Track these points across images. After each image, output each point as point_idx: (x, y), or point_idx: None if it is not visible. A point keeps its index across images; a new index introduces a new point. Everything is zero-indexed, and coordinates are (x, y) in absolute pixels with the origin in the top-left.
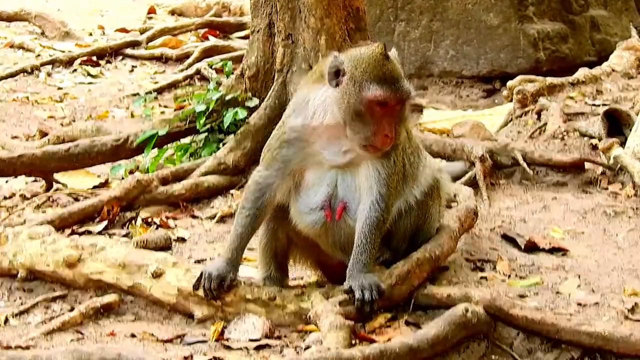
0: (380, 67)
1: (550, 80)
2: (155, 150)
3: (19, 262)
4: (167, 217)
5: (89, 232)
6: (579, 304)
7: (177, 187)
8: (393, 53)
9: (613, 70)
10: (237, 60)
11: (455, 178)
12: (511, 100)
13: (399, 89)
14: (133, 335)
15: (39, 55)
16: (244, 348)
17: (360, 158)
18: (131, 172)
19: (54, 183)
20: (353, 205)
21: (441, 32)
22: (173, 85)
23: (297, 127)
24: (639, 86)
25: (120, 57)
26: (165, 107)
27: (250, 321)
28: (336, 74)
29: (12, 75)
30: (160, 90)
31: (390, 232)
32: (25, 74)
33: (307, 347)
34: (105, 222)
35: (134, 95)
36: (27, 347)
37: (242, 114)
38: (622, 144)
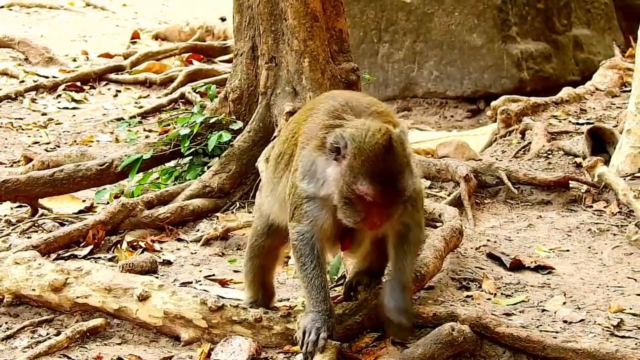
0: (378, 162)
1: (534, 99)
2: (140, 174)
3: (5, 287)
4: (153, 241)
5: (75, 257)
6: (565, 321)
7: (162, 211)
8: (398, 134)
9: (597, 89)
10: (221, 83)
11: None
12: (495, 120)
13: (392, 190)
14: (120, 359)
15: (22, 81)
16: None
17: None
18: (116, 197)
19: (39, 208)
20: None
21: (425, 53)
22: (157, 110)
23: (310, 193)
24: (623, 104)
25: (104, 82)
26: (150, 131)
27: (237, 343)
28: (337, 150)
29: None
30: (144, 115)
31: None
32: (9, 100)
33: None
34: (90, 247)
35: (119, 119)
36: None
37: (226, 136)
38: (606, 162)
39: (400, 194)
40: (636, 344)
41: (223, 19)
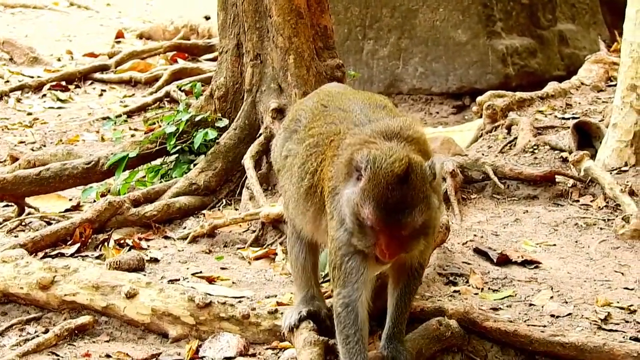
0: (389, 192)
1: (519, 95)
2: (126, 172)
3: None
4: (140, 239)
5: (62, 255)
6: (552, 315)
7: (149, 209)
8: (420, 165)
9: (582, 83)
10: (207, 82)
11: None
12: (481, 116)
13: (395, 221)
14: (108, 356)
15: (7, 81)
16: None
17: None
18: (102, 195)
19: (25, 207)
20: None
21: (410, 50)
22: (143, 108)
23: (350, 243)
24: (609, 99)
25: (89, 82)
26: (136, 130)
27: (225, 339)
28: (359, 173)
29: None
30: (130, 114)
31: None
32: None
33: None
34: (77, 245)
35: (104, 119)
36: None
37: (212, 134)
38: (593, 157)
39: (404, 228)
40: (623, 337)
41: (207, 18)
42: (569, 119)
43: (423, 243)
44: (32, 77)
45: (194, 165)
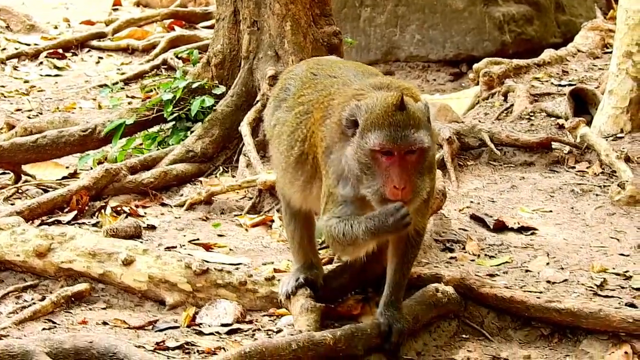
0: (387, 116)
1: (516, 62)
2: (123, 139)
3: None
4: (137, 206)
5: (59, 222)
6: (548, 282)
7: (146, 176)
8: (418, 104)
9: (578, 50)
10: (204, 49)
11: None
12: (478, 83)
13: (402, 137)
14: (105, 323)
15: (4, 48)
16: (215, 333)
17: None
18: (99, 162)
19: (22, 175)
20: None
21: (407, 17)
22: (140, 76)
23: (349, 196)
24: (605, 66)
25: (86, 49)
26: (133, 97)
27: (222, 306)
28: (353, 123)
29: None
30: (127, 81)
31: None
32: None
33: (279, 331)
34: (74, 212)
35: (101, 86)
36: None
37: (209, 101)
38: (589, 123)
39: (412, 142)
40: (619, 303)
41: None
42: (565, 85)
43: (423, 208)
44: (29, 45)
45: (191, 132)
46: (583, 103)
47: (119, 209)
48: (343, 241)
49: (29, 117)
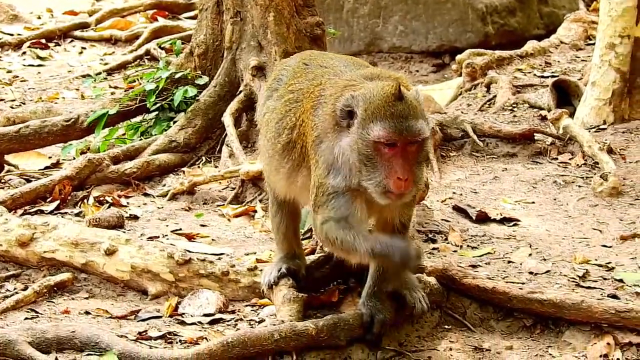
0: (388, 107)
1: (499, 53)
2: (106, 129)
3: None
4: (119, 196)
5: (41, 212)
6: (531, 273)
7: (129, 166)
8: (412, 92)
9: (561, 42)
10: (187, 39)
11: None
12: (460, 74)
13: (406, 128)
14: (87, 313)
15: None
16: (198, 323)
17: None
18: (82, 152)
19: (5, 165)
20: None
21: (390, 8)
22: (123, 66)
23: (340, 187)
24: (587, 57)
25: (69, 40)
26: (116, 87)
27: (204, 296)
28: (349, 114)
29: None
30: (110, 72)
31: None
32: None
33: (261, 321)
34: (57, 202)
35: (84, 76)
36: None
37: (192, 91)
38: (571, 115)
39: (416, 132)
40: (601, 294)
41: None
42: (548, 77)
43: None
44: (12, 35)
45: (174, 122)
46: (566, 95)
47: (101, 198)
48: (339, 247)
49: (12, 107)
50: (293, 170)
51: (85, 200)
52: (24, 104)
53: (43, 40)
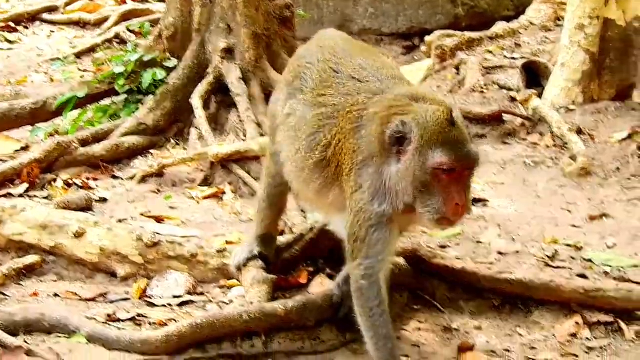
0: (445, 133)
1: (468, 35)
2: (75, 112)
3: None
4: (88, 178)
5: (10, 195)
6: (500, 253)
7: (97, 149)
8: (457, 115)
9: (531, 23)
10: (156, 22)
11: None
12: (430, 56)
13: (467, 155)
14: (56, 295)
15: None
16: (167, 305)
17: None
18: (51, 135)
19: None
20: None
21: None
22: (92, 50)
23: (386, 214)
24: (557, 39)
25: (38, 23)
26: (85, 71)
27: (173, 278)
28: (398, 141)
29: None
30: (79, 55)
31: None
32: None
33: (230, 302)
34: (25, 185)
35: (53, 60)
36: None
37: (160, 74)
38: (541, 96)
39: (475, 158)
40: (570, 274)
41: None
42: (517, 58)
43: None
44: None
45: (143, 105)
46: (535, 76)
47: (70, 181)
48: (362, 304)
49: None
50: (325, 187)
51: (54, 183)
52: None
53: (12, 24)
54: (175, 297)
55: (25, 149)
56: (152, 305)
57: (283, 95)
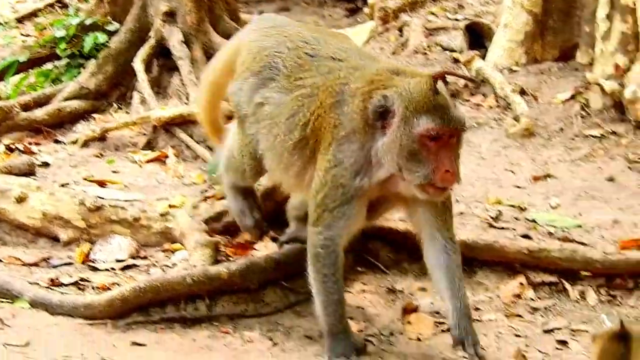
0: (430, 101)
1: None
2: (17, 77)
3: None
4: (30, 143)
5: None
6: None
7: (39, 113)
8: (440, 84)
9: None
10: None
11: None
12: (373, 18)
13: (453, 118)
14: None
15: None
16: (110, 269)
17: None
18: None
19: None
20: None
21: None
22: (34, 14)
23: (364, 187)
24: (501, 0)
25: None
26: (27, 35)
27: (116, 242)
28: (382, 115)
29: None
30: (21, 19)
31: None
32: None
33: (174, 266)
34: None
35: None
36: None
37: (102, 38)
38: (484, 57)
39: (461, 122)
40: (514, 235)
41: None
42: (460, 20)
43: None
44: None
45: (85, 69)
46: (478, 37)
47: (12, 146)
48: (318, 269)
49: None
50: (303, 167)
51: None
52: None
53: None
54: (118, 261)
55: None
56: (95, 269)
57: (247, 86)
